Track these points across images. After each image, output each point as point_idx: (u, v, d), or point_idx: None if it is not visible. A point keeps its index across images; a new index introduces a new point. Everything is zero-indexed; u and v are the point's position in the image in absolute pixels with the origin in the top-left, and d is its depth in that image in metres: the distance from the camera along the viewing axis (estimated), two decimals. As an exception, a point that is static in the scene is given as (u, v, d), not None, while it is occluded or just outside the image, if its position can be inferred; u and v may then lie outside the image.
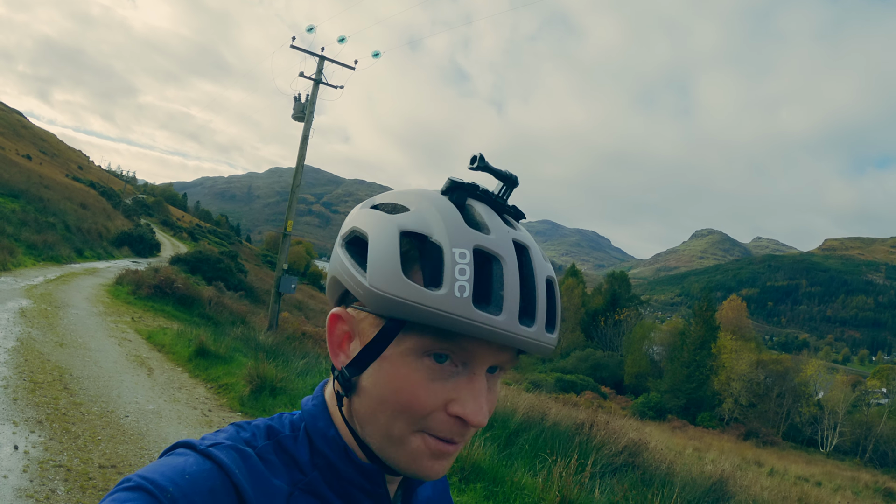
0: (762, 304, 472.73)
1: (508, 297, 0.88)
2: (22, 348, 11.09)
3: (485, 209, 0.96)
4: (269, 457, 0.96)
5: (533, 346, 0.92)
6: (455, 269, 0.86)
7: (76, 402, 8.61)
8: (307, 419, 1.04)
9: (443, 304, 0.85)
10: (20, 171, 54.20)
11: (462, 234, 0.89)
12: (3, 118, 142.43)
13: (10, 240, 27.75)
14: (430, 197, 0.96)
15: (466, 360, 0.93)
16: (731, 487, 10.29)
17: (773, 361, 76.52)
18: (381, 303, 0.90)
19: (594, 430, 10.86)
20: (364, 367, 0.96)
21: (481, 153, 0.99)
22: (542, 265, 0.97)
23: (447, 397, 0.92)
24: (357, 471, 0.99)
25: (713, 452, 33.42)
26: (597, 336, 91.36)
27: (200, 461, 0.88)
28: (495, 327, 0.87)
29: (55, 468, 6.18)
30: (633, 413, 53.65)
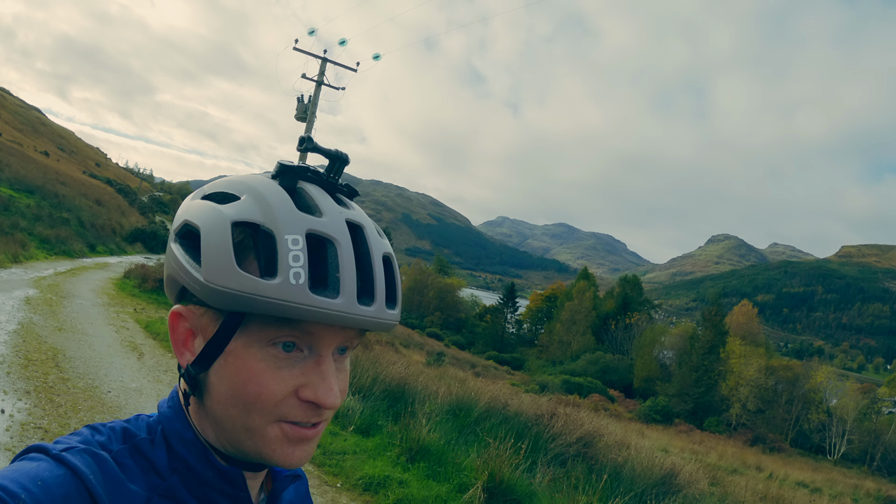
0: (778, 310, 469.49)
1: (345, 278, 0.90)
2: (22, 331, 11.95)
3: (317, 190, 0.98)
4: (125, 461, 0.94)
5: (375, 325, 0.94)
6: (289, 255, 0.87)
7: (64, 378, 9.46)
8: (164, 422, 1.02)
9: (279, 292, 0.86)
10: (37, 168, 55.23)
11: (293, 220, 0.90)
12: (22, 115, 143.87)
13: (24, 234, 28.67)
14: (260, 183, 0.96)
15: (312, 344, 0.94)
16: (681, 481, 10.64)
17: (783, 367, 76.03)
18: (218, 297, 0.89)
19: (553, 421, 11.30)
20: (209, 363, 0.96)
21: (309, 135, 1.04)
22: (378, 242, 0.99)
23: (296, 383, 0.93)
24: (217, 474, 0.99)
25: (713, 456, 33.83)
26: (607, 339, 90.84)
27: (54, 467, 0.85)
28: (334, 310, 0.88)
29: (34, 429, 7.04)
30: (640, 417, 53.94)
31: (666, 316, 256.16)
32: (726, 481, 17.95)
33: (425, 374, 15.61)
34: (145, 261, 31.77)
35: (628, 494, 8.54)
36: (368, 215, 1.03)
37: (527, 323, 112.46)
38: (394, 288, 0.98)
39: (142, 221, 61.27)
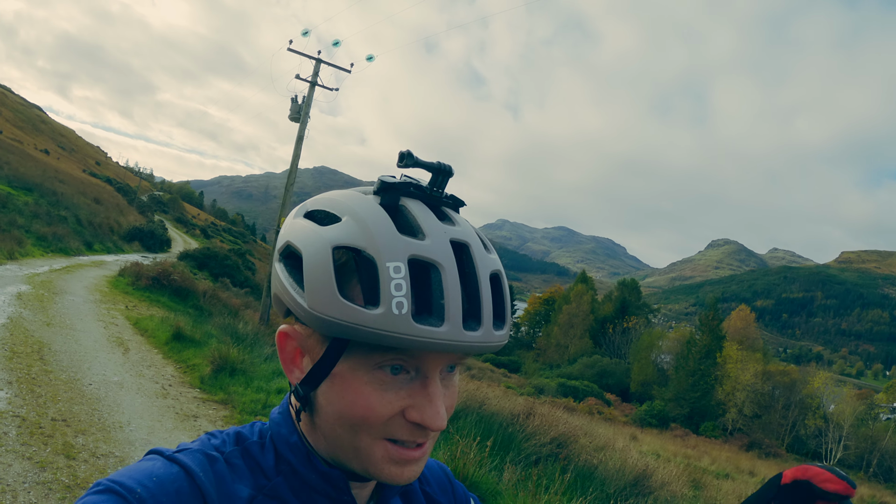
0: (777, 315, 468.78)
1: (450, 305, 0.87)
2: (10, 325, 12.19)
3: (419, 207, 0.95)
4: (235, 462, 0.99)
5: (481, 349, 0.91)
6: (391, 284, 0.85)
7: (47, 370, 9.70)
8: (273, 427, 1.06)
9: (382, 323, 0.84)
10: (36, 165, 55.45)
11: (395, 245, 0.88)
12: (22, 113, 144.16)
13: (21, 231, 28.87)
14: (360, 203, 0.95)
15: (419, 367, 0.93)
16: (653, 483, 10.78)
17: (780, 373, 75.98)
18: (321, 324, 0.89)
19: (529, 421, 11.46)
20: (317, 383, 0.97)
21: (409, 150, 0.99)
22: (485, 260, 0.96)
23: (403, 404, 0.93)
24: (320, 477, 1.01)
25: (705, 460, 33.93)
26: (605, 343, 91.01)
27: (168, 465, 0.91)
28: (439, 339, 0.86)
29: (12, 417, 7.28)
30: (635, 421, 53.93)
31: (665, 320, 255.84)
32: (711, 485, 18.07)
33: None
34: (142, 259, 31.93)
35: (593, 494, 8.69)
36: None
37: (525, 326, 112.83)
38: (502, 307, 0.96)
39: (140, 220, 61.49)
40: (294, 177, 25.40)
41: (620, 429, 35.86)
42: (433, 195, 0.97)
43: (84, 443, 7.07)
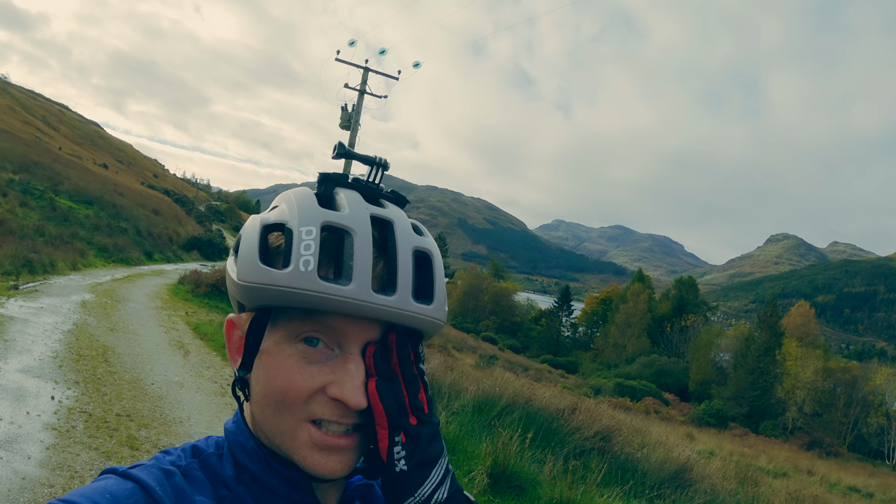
0: (839, 311, 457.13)
1: (359, 266, 0.89)
2: (76, 330, 12.93)
3: (351, 195, 0.97)
4: (194, 474, 0.96)
5: (399, 316, 0.92)
6: (301, 245, 0.88)
7: (111, 371, 10.35)
8: (229, 436, 1.03)
9: (289, 280, 0.86)
10: (96, 180, 56.96)
11: (310, 214, 0.91)
12: (80, 129, 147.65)
13: (83, 243, 29.98)
14: (297, 192, 0.99)
15: (339, 341, 0.94)
16: (694, 475, 10.95)
17: (841, 369, 74.52)
18: (246, 294, 0.92)
19: (574, 416, 11.71)
20: (250, 363, 0.97)
21: (340, 142, 1.03)
22: (410, 237, 0.97)
23: (325, 380, 0.92)
24: (282, 480, 0.99)
25: (762, 459, 33.63)
26: (663, 342, 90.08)
27: (122, 482, 0.88)
28: (345, 297, 0.87)
29: (80, 413, 7.87)
30: (693, 421, 53.47)
31: (724, 318, 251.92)
32: (762, 482, 18.04)
33: (464, 374, 16.01)
34: (200, 267, 32.73)
35: (629, 484, 8.95)
36: (423, 221, 1.07)
37: (582, 326, 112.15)
38: (429, 284, 0.98)
39: (198, 230, 62.86)
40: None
41: (676, 428, 35.65)
42: (368, 186, 1.01)
43: (147, 436, 7.59)
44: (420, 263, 0.97)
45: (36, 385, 8.66)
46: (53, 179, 43.81)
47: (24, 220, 28.82)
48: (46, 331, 12.25)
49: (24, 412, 7.50)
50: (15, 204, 31.37)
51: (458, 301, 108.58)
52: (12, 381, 8.61)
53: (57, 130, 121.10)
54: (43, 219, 31.41)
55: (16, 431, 6.86)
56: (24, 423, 7.16)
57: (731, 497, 10.87)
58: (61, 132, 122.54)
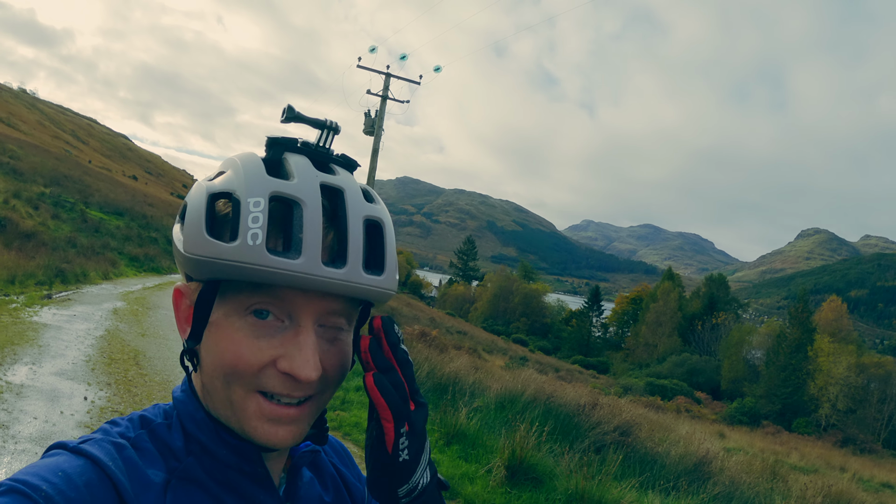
0: (872, 305, 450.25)
1: (308, 239, 0.87)
2: (108, 336, 13.36)
3: (300, 160, 0.95)
4: (144, 446, 0.95)
5: (349, 289, 0.91)
6: (249, 218, 0.86)
7: (143, 374, 10.74)
8: (178, 405, 1.02)
9: (236, 254, 0.84)
10: (125, 191, 57.88)
11: (258, 184, 0.89)
12: (109, 142, 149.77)
13: (114, 253, 30.58)
14: (244, 157, 0.96)
15: (291, 313, 0.92)
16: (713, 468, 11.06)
17: (875, 365, 73.57)
18: (193, 266, 0.90)
19: (594, 411, 11.88)
20: (199, 336, 0.96)
21: (290, 104, 1.00)
22: (360, 206, 0.95)
23: (274, 353, 0.91)
24: (231, 451, 0.98)
25: (794, 457, 33.38)
26: (694, 340, 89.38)
27: (73, 458, 0.87)
28: (294, 271, 0.85)
29: (112, 412, 8.26)
30: (725, 419, 53.12)
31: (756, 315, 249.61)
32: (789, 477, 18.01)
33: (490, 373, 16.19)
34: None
35: (644, 476, 9.14)
36: (452, 224, 1.18)
37: (612, 326, 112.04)
38: (379, 254, 0.97)
39: (227, 238, 63.43)
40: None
41: (707, 427, 35.39)
42: (318, 151, 0.99)
43: (176, 434, 7.87)
44: (371, 232, 0.97)
45: (69, 387, 9.03)
46: (84, 192, 44.53)
47: (56, 232, 29.38)
48: (79, 337, 12.66)
49: (58, 412, 7.86)
50: (47, 217, 31.97)
51: (488, 303, 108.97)
52: (47, 384, 8.98)
53: (86, 144, 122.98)
54: (74, 230, 32.00)
55: (50, 429, 7.20)
56: (58, 421, 7.51)
57: (750, 490, 10.98)
58: (90, 145, 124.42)
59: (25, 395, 8.28)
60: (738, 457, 13.75)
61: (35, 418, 7.47)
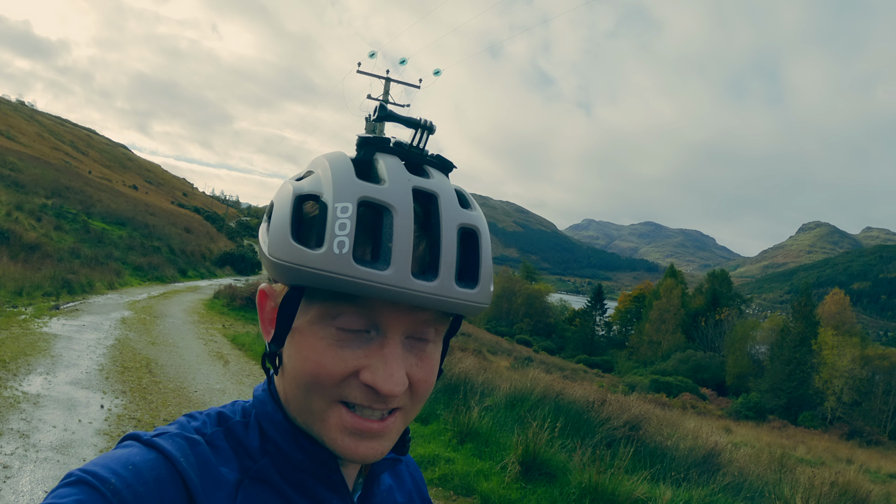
0: (875, 297, 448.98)
1: (398, 249, 0.82)
2: (119, 345, 13.48)
3: (392, 162, 0.90)
4: (218, 443, 0.93)
5: (440, 303, 0.86)
6: (336, 224, 0.81)
7: (156, 381, 10.84)
8: (257, 405, 1.00)
9: (321, 262, 0.80)
10: (126, 201, 58.06)
11: (347, 188, 0.84)
12: (109, 152, 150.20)
13: (118, 263, 30.77)
14: (333, 157, 0.91)
15: (377, 324, 0.88)
16: (722, 460, 11.18)
17: (879, 357, 73.68)
18: (278, 271, 0.86)
19: (603, 407, 11.99)
20: (283, 340, 0.93)
21: (382, 103, 0.94)
22: (455, 213, 0.89)
23: (358, 364, 0.87)
24: (308, 456, 0.95)
25: (800, 450, 33.42)
26: (697, 337, 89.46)
27: (144, 451, 0.85)
28: (382, 283, 0.81)
29: (129, 419, 8.36)
30: (730, 414, 53.16)
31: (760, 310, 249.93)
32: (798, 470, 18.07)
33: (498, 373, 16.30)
34: (234, 282, 33.19)
35: (654, 469, 9.23)
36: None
37: (616, 325, 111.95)
38: (474, 265, 0.92)
39: (230, 246, 63.76)
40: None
41: (713, 422, 35.40)
42: (412, 152, 0.93)
43: (193, 438, 7.99)
44: (465, 241, 0.92)
45: (85, 396, 9.15)
46: (85, 203, 44.71)
47: (59, 244, 29.55)
48: (90, 346, 12.78)
49: (76, 420, 7.97)
50: (49, 228, 32.14)
51: (492, 305, 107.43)
52: (63, 393, 9.10)
53: (86, 155, 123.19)
54: (77, 241, 32.18)
55: (70, 437, 7.31)
56: (77, 429, 7.61)
57: (759, 480, 11.06)
58: (90, 156, 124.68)
59: (43, 405, 8.38)
60: (746, 450, 13.83)
61: (54, 427, 7.57)
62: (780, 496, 8.88)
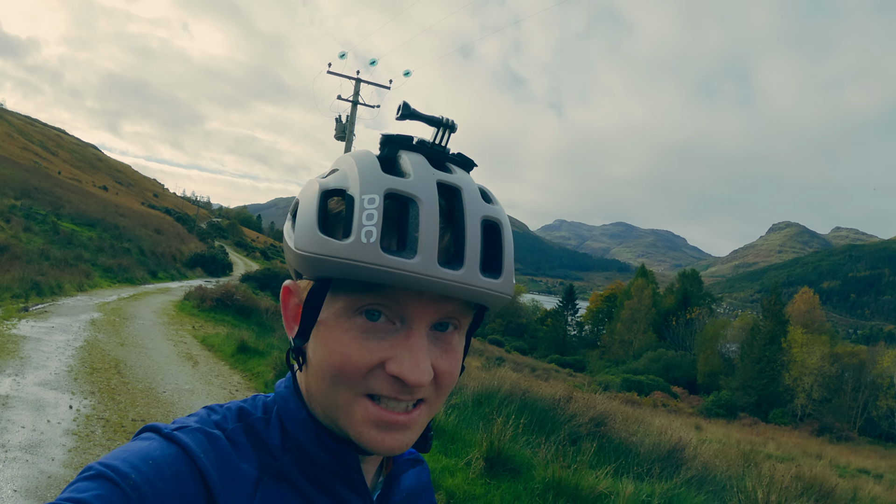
0: (844, 296, 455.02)
1: (424, 238, 0.83)
2: (88, 346, 13.45)
3: (416, 158, 0.92)
4: (238, 439, 0.93)
5: (466, 291, 0.87)
6: (363, 215, 0.83)
7: (125, 382, 10.88)
8: (279, 401, 1.00)
9: (350, 252, 0.82)
10: (97, 202, 57.67)
11: (373, 181, 0.86)
12: (79, 152, 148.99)
13: (87, 264, 30.53)
14: (358, 155, 0.93)
15: (403, 315, 0.89)
16: (686, 455, 11.39)
17: (848, 354, 74.63)
18: (305, 264, 0.88)
19: (570, 404, 12.17)
20: (307, 333, 0.93)
21: (405, 101, 0.96)
22: (478, 206, 0.91)
23: (383, 355, 0.88)
24: (329, 455, 0.96)
25: (770, 446, 33.74)
26: (669, 336, 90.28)
27: (165, 445, 0.85)
28: (409, 271, 0.82)
29: (97, 420, 8.42)
30: (702, 412, 53.64)
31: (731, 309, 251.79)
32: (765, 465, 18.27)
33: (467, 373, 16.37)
34: (205, 283, 33.01)
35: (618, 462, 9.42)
36: None
37: (588, 324, 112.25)
38: (497, 256, 0.93)
39: (201, 247, 63.38)
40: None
41: (684, 420, 35.72)
42: (434, 149, 0.95)
43: (161, 437, 8.07)
44: (488, 233, 0.93)
45: (54, 396, 9.17)
46: (55, 204, 44.41)
47: (28, 245, 29.29)
48: (59, 348, 12.75)
49: (44, 420, 8.01)
50: (18, 229, 31.88)
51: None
52: (31, 394, 9.12)
53: (56, 155, 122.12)
54: (47, 242, 31.88)
55: (39, 437, 7.36)
56: (46, 430, 7.66)
57: (723, 474, 11.27)
58: (60, 157, 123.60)
59: (11, 406, 8.41)
60: (711, 446, 14.06)
61: (23, 427, 7.61)
62: (742, 490, 9.05)
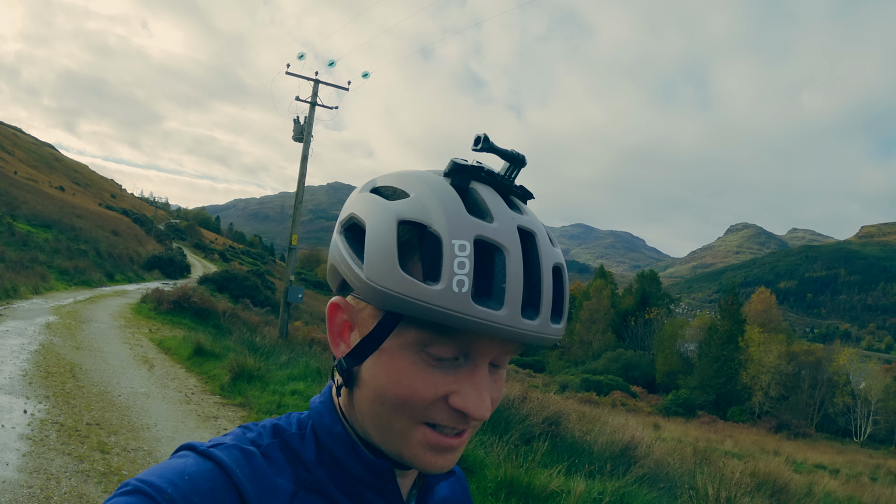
0: (801, 296, 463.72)
1: (511, 290, 0.83)
2: (42, 350, 13.38)
3: (489, 192, 0.91)
4: (274, 455, 0.94)
5: (537, 339, 0.88)
6: (454, 262, 0.81)
7: (80, 386, 10.85)
8: (314, 416, 1.01)
9: (440, 299, 0.81)
10: (53, 203, 56.93)
11: (462, 224, 0.84)
12: (35, 152, 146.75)
13: (43, 266, 30.18)
14: (431, 181, 0.91)
15: (468, 353, 0.89)
16: (639, 453, 11.58)
17: (805, 352, 75.88)
18: (377, 296, 0.86)
19: (524, 404, 12.29)
20: (363, 358, 0.93)
21: (485, 134, 0.94)
22: (550, 252, 0.92)
23: (448, 389, 0.88)
24: (365, 467, 0.96)
25: (728, 443, 34.10)
26: (628, 336, 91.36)
27: (200, 462, 0.87)
28: (496, 322, 0.82)
29: (52, 424, 8.41)
30: (660, 411, 54.04)
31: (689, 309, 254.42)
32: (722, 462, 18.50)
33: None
34: (162, 286, 32.83)
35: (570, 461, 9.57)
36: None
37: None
38: (561, 300, 0.95)
39: (159, 249, 62.91)
40: (302, 195, 26.39)
41: (643, 419, 35.96)
42: (504, 182, 0.94)
43: (116, 441, 8.13)
44: (556, 279, 0.94)
45: (8, 401, 9.15)
46: (10, 204, 43.86)
47: (-18, 247, 28.93)
48: (13, 352, 12.66)
49: (-2, 425, 7.99)
50: (-28, 231, 31.47)
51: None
52: (-15, 399, 9.08)
53: (12, 154, 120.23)
54: (1, 244, 31.48)
55: (-8, 442, 7.34)
56: (0, 434, 7.65)
57: (676, 471, 11.48)
58: (16, 156, 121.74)
59: (-36, 410, 8.38)
60: (665, 444, 14.29)
61: (-24, 432, 7.59)
62: (692, 486, 9.24)
